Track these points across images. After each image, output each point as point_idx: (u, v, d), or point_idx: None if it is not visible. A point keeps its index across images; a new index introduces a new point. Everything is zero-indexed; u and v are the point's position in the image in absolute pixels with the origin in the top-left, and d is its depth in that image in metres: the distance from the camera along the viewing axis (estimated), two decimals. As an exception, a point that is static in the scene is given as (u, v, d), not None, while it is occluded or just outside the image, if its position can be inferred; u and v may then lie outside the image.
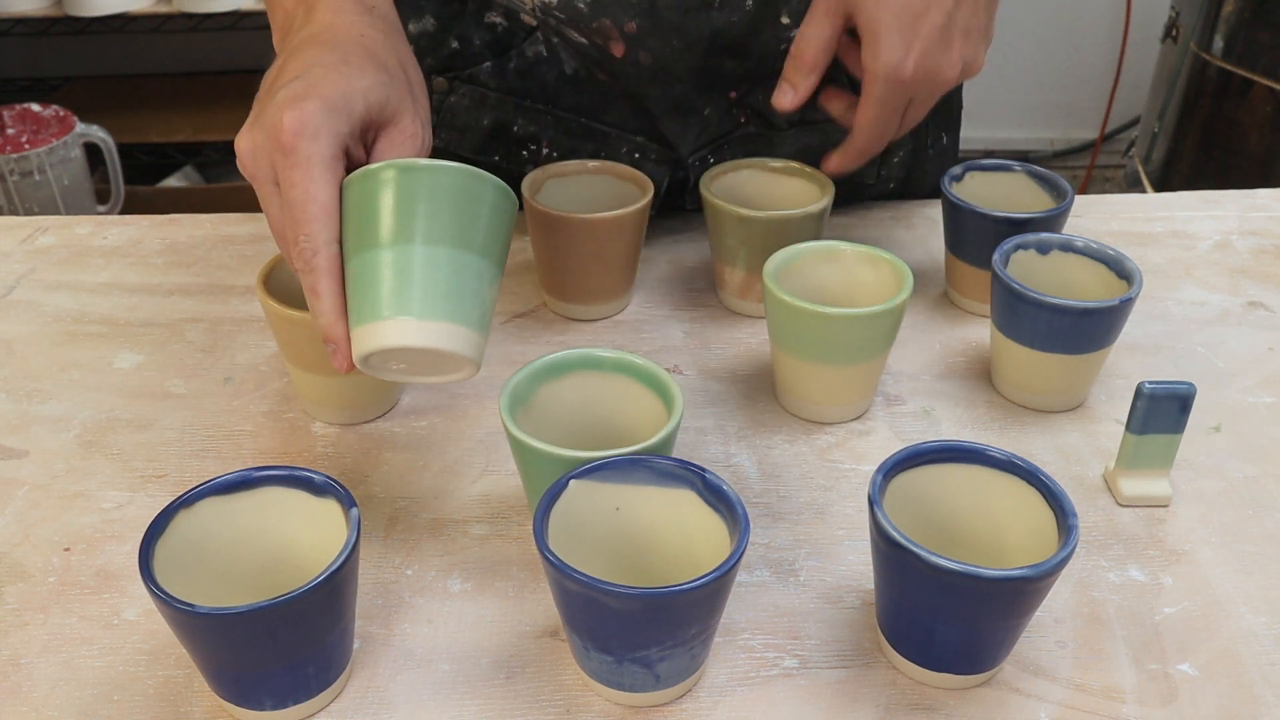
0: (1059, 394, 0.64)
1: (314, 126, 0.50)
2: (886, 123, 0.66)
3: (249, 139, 0.52)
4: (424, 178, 0.50)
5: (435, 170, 0.50)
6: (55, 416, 0.64)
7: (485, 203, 0.51)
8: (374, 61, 0.54)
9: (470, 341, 0.50)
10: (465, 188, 0.51)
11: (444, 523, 0.57)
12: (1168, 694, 0.49)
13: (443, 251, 0.50)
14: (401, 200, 0.50)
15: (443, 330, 0.49)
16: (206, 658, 0.44)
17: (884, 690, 0.49)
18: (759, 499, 0.59)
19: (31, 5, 1.91)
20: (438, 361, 0.50)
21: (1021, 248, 0.65)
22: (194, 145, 2.06)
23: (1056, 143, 2.69)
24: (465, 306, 0.50)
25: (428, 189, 0.50)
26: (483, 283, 0.51)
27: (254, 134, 0.52)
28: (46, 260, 0.79)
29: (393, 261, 0.49)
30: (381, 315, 0.49)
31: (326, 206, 0.50)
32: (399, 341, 0.48)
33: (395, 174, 0.50)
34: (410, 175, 0.50)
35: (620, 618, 0.43)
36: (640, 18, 0.70)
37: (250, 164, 0.52)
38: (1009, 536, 0.50)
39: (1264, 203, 0.88)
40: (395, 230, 0.49)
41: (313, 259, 0.50)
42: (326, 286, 0.50)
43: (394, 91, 0.54)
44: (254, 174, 0.52)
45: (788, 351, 0.62)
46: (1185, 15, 1.89)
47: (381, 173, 0.50)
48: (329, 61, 0.53)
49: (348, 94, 0.51)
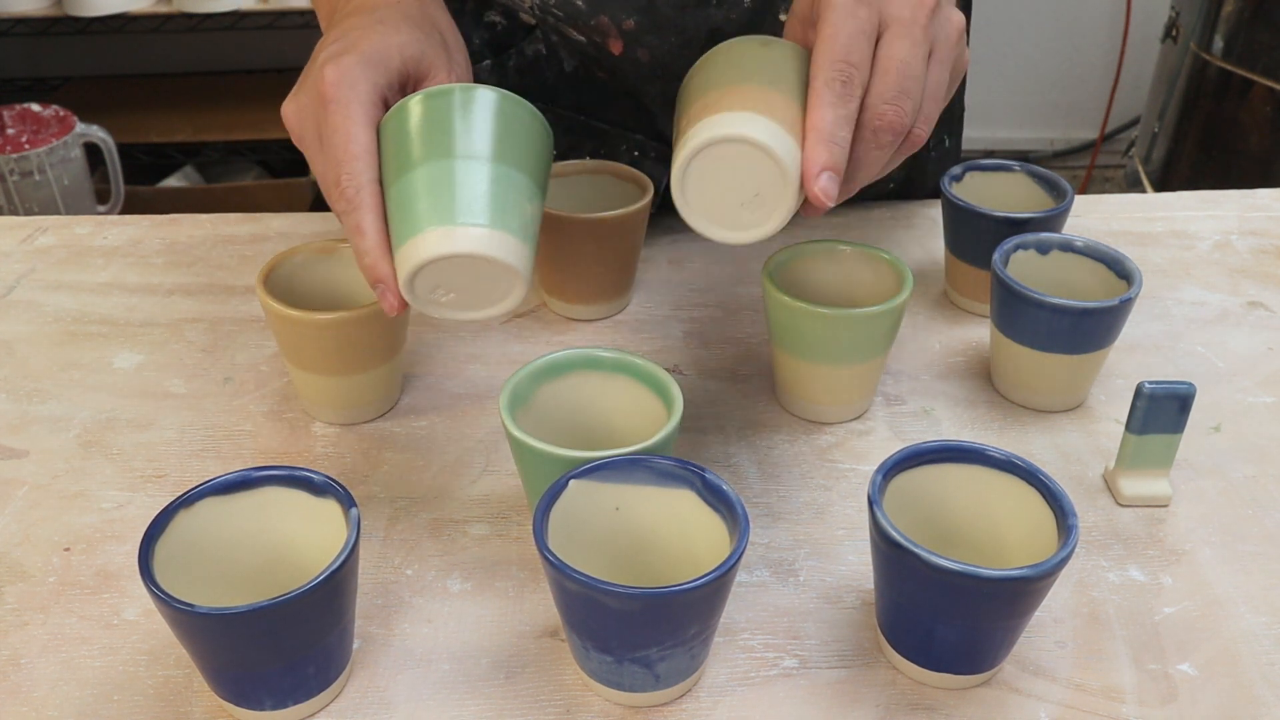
0: (1059, 394, 0.64)
1: (352, 77, 0.52)
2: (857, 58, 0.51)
3: (294, 103, 0.54)
4: (455, 98, 0.51)
5: (465, 91, 0.51)
6: (55, 416, 0.64)
7: (520, 122, 0.52)
8: (409, 21, 0.56)
9: (515, 250, 0.48)
10: (498, 106, 0.51)
11: (444, 523, 0.57)
12: (1168, 694, 0.49)
13: (478, 163, 0.49)
14: (433, 121, 0.50)
15: (484, 235, 0.48)
16: (206, 658, 0.44)
17: (884, 690, 0.49)
18: (759, 499, 0.59)
19: (31, 5, 1.91)
20: (484, 279, 0.49)
21: (1021, 248, 0.65)
22: (194, 145, 2.06)
23: (1056, 143, 2.69)
24: (507, 215, 0.49)
25: (460, 108, 0.51)
26: (523, 196, 0.50)
27: (299, 97, 0.54)
28: (46, 260, 0.79)
29: (428, 176, 0.49)
30: (421, 229, 0.48)
31: (366, 146, 0.51)
32: (440, 250, 0.47)
33: (424, 99, 0.51)
34: (440, 98, 0.51)
35: (620, 618, 0.43)
36: (638, 15, 0.70)
37: (296, 125, 0.54)
38: (1009, 536, 0.50)
39: (1264, 203, 0.88)
40: (429, 148, 0.50)
41: (355, 196, 0.50)
42: (370, 223, 0.50)
43: (429, 47, 0.56)
44: (300, 135, 0.54)
45: (788, 351, 0.62)
46: (1185, 15, 1.89)
47: (410, 102, 0.51)
48: (365, 24, 0.55)
49: (383, 48, 0.54)
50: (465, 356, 0.69)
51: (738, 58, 0.53)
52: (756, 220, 0.50)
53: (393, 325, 0.61)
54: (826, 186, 0.49)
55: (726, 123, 0.48)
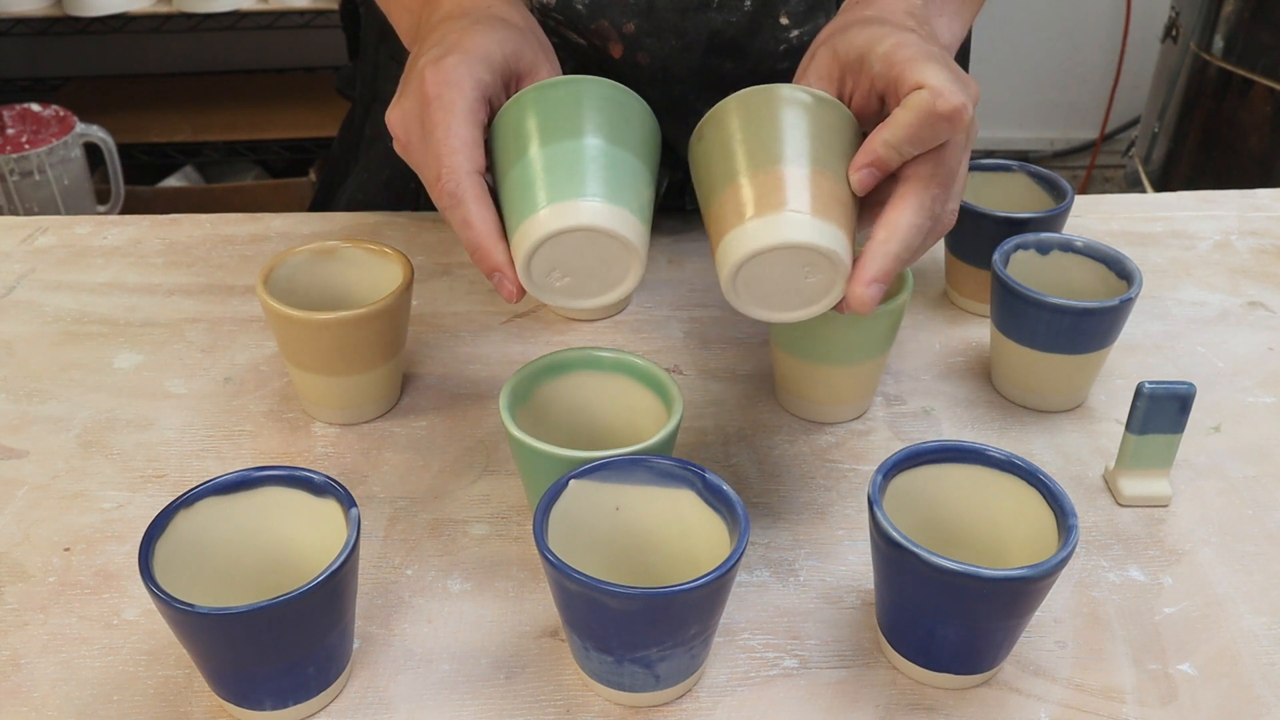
0: (1059, 394, 0.64)
1: (456, 75, 0.51)
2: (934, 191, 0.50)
3: (399, 109, 0.53)
4: (570, 88, 0.51)
5: (579, 81, 0.51)
6: (55, 416, 0.64)
7: (633, 112, 0.52)
8: (502, 22, 0.56)
9: (634, 227, 0.48)
10: (610, 96, 0.51)
11: (444, 523, 0.57)
12: (1168, 694, 0.49)
13: (595, 146, 0.49)
14: (549, 110, 0.50)
15: (604, 210, 0.47)
16: (206, 658, 0.44)
17: (884, 690, 0.49)
18: (759, 499, 0.59)
19: (31, 5, 1.90)
20: (601, 260, 0.48)
21: (1021, 248, 0.65)
22: (194, 145, 2.06)
23: (1056, 143, 2.68)
24: (625, 193, 0.48)
25: (575, 97, 0.51)
26: (639, 179, 0.50)
27: (402, 103, 0.53)
28: (46, 260, 0.79)
29: (545, 159, 0.49)
30: (538, 207, 0.47)
31: (467, 140, 0.50)
32: (561, 223, 0.46)
33: (538, 90, 0.51)
34: (555, 88, 0.51)
35: (620, 618, 0.43)
36: (638, 19, 0.70)
37: (401, 131, 0.53)
38: (1009, 536, 0.50)
39: (1264, 203, 0.88)
40: (545, 134, 0.49)
41: (456, 189, 0.49)
42: (475, 213, 0.49)
43: (526, 45, 0.55)
44: (406, 141, 0.53)
45: (788, 351, 0.62)
46: (1185, 15, 1.89)
47: (524, 94, 0.51)
48: (461, 26, 0.55)
49: (484, 45, 0.53)
50: (465, 356, 0.69)
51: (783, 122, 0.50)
52: (813, 296, 0.49)
53: (393, 325, 0.61)
54: (872, 295, 0.48)
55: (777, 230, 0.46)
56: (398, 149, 0.55)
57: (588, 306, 0.50)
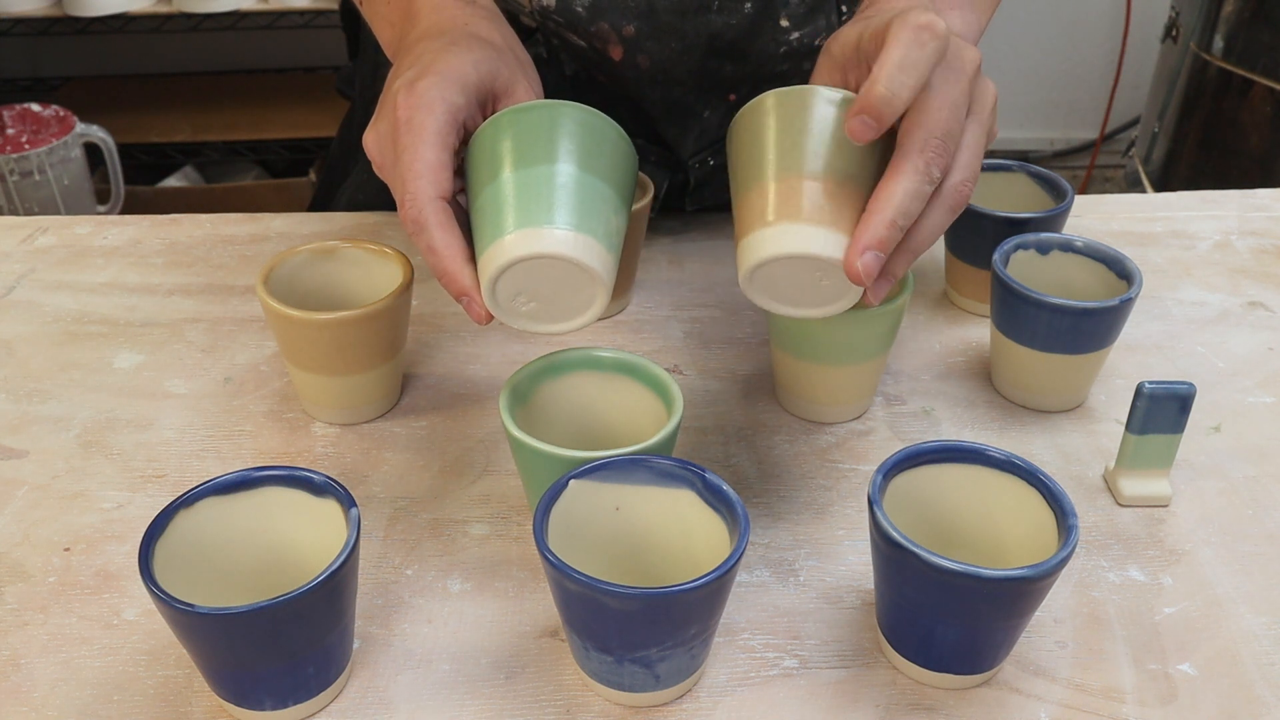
0: (1059, 394, 0.64)
1: (429, 99, 0.51)
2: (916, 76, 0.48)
3: (374, 132, 0.53)
4: (543, 112, 0.51)
5: (553, 106, 0.51)
6: (55, 416, 0.64)
7: (606, 138, 0.52)
8: (479, 41, 0.55)
9: (599, 256, 0.48)
10: (585, 121, 0.51)
11: (444, 523, 0.57)
12: (1168, 694, 0.49)
13: (564, 172, 0.49)
14: (521, 134, 0.50)
15: (569, 238, 0.47)
16: (206, 658, 0.44)
17: (884, 690, 0.49)
18: (759, 499, 0.59)
19: (31, 5, 1.91)
20: (566, 287, 0.49)
21: (1021, 248, 0.65)
22: (194, 145, 2.06)
23: (1056, 143, 2.69)
24: (592, 221, 0.48)
25: (547, 121, 0.50)
26: (609, 206, 0.50)
27: (378, 125, 0.53)
28: (46, 260, 0.79)
29: (513, 184, 0.49)
30: (504, 232, 0.48)
31: (433, 164, 0.50)
32: (524, 250, 0.47)
33: (511, 114, 0.51)
34: (528, 112, 0.51)
35: (620, 618, 0.43)
36: (638, 21, 0.70)
37: (377, 155, 0.53)
38: (1009, 536, 0.50)
39: (1264, 203, 0.88)
40: (515, 158, 0.49)
41: (419, 216, 0.49)
42: (439, 239, 0.49)
43: (503, 64, 0.55)
44: (381, 164, 0.54)
45: (788, 351, 0.62)
46: (1185, 15, 1.89)
47: (498, 117, 0.51)
48: (438, 46, 0.54)
49: (459, 67, 0.53)
50: (465, 356, 0.69)
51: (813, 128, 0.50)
52: (827, 299, 0.51)
53: (393, 325, 0.61)
54: (867, 264, 0.47)
55: (792, 239, 0.48)
56: (375, 170, 0.54)
57: (553, 332, 0.51)
